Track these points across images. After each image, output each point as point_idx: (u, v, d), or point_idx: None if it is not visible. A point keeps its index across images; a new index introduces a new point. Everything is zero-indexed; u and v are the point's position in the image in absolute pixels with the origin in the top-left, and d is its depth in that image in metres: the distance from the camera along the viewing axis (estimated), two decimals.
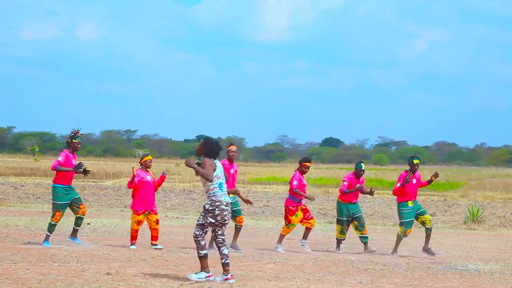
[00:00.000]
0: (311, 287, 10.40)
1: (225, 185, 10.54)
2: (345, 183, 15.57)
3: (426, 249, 15.18)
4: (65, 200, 14.05)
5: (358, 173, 15.58)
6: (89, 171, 14.43)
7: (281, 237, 15.16)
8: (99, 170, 49.93)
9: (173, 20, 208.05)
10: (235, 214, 14.63)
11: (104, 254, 13.05)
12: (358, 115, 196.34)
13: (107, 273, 10.73)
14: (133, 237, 14.38)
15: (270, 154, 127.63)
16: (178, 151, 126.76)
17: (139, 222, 14.31)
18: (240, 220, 14.90)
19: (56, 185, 14.09)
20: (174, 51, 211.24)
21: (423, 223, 15.27)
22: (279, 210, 27.19)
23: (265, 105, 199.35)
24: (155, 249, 14.21)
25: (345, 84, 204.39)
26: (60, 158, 13.98)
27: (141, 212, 14.30)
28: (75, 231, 14.24)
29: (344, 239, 15.70)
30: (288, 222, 15.09)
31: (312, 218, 15.23)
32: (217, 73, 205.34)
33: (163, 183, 14.65)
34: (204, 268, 10.43)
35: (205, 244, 10.43)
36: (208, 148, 10.42)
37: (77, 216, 14.16)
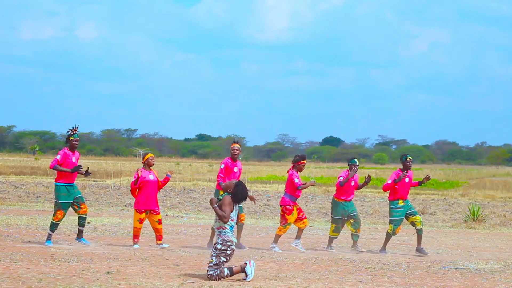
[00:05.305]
0: (311, 286, 10.39)
1: (235, 228, 10.85)
2: (341, 178, 15.58)
3: (419, 249, 15.19)
4: (67, 199, 13.94)
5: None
6: (90, 173, 14.35)
7: (277, 237, 15.01)
8: (100, 169, 49.95)
9: (173, 20, 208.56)
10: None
11: (105, 253, 13.04)
12: (359, 114, 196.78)
13: (108, 272, 10.72)
14: (135, 236, 14.37)
15: (270, 153, 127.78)
16: (179, 150, 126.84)
17: (141, 220, 14.31)
18: (242, 218, 14.87)
19: (59, 183, 13.97)
20: (174, 51, 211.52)
21: (413, 223, 15.30)
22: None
23: (265, 105, 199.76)
24: (161, 248, 14.18)
25: (345, 84, 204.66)
26: (58, 157, 13.91)
27: (143, 211, 14.31)
28: (80, 232, 14.18)
29: (336, 238, 15.62)
30: (285, 221, 14.90)
31: (305, 218, 15.08)
32: (217, 73, 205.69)
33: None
34: (242, 268, 10.59)
35: (224, 271, 10.49)
36: (236, 190, 10.63)
37: (79, 216, 14.08)
